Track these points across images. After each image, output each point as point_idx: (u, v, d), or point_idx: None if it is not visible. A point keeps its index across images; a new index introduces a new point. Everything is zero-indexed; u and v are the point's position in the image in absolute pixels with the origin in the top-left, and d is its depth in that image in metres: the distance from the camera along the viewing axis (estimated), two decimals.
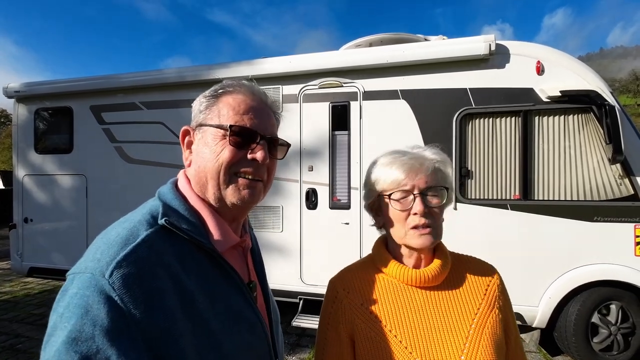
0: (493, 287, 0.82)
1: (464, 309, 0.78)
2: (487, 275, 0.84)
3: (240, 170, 0.65)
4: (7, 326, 3.88)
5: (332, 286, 0.87)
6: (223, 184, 0.64)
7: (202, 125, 0.66)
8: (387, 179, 0.79)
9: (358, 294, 0.82)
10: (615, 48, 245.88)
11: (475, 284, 0.82)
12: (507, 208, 2.90)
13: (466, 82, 2.98)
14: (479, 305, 0.79)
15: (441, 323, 0.76)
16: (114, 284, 0.48)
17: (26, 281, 5.58)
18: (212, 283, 0.61)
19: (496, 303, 0.80)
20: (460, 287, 0.81)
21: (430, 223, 0.76)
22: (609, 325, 2.79)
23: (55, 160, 4.17)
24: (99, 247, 0.54)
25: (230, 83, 0.69)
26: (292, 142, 3.37)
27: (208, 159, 0.64)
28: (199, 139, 0.67)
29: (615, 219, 2.69)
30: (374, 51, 3.25)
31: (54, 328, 0.47)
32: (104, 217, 3.92)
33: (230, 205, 0.66)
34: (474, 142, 3.01)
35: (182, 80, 3.67)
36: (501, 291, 0.82)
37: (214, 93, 0.68)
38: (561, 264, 2.79)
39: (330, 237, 3.30)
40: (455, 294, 0.80)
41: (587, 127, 2.80)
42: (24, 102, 4.28)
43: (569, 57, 2.93)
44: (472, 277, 0.83)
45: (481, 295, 0.80)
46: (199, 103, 0.69)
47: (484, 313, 0.78)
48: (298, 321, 3.24)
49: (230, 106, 0.65)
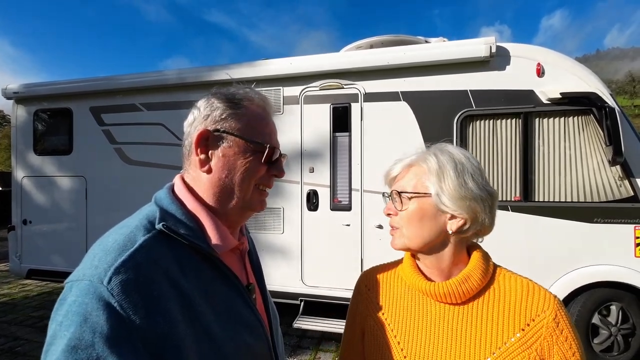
0: (540, 323, 0.66)
1: (487, 337, 0.67)
2: (537, 307, 0.67)
3: (262, 184, 0.70)
4: (6, 329, 3.86)
5: (359, 280, 0.90)
6: (247, 196, 0.68)
7: (228, 133, 0.65)
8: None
9: (377, 292, 0.83)
10: (612, 50, 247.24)
11: (515, 312, 0.68)
12: (507, 209, 2.90)
13: (467, 84, 2.99)
14: (507, 340, 0.66)
15: (452, 344, 0.69)
16: (112, 290, 0.48)
17: (24, 283, 5.54)
18: (211, 286, 0.61)
19: (536, 345, 0.64)
20: (492, 312, 0.69)
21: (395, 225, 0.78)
22: (610, 326, 2.80)
23: (55, 162, 4.15)
24: (97, 254, 0.53)
25: (251, 94, 0.70)
26: (293, 143, 3.38)
27: (237, 171, 0.66)
28: (225, 148, 0.65)
29: (616, 220, 2.70)
30: (375, 53, 3.25)
31: (53, 337, 0.47)
32: (103, 218, 3.91)
33: (246, 214, 0.71)
34: (474, 144, 3.02)
35: (182, 81, 3.65)
36: (552, 331, 0.65)
37: (238, 102, 0.67)
38: (561, 265, 2.80)
39: (331, 238, 3.30)
40: (482, 318, 0.69)
41: (587, 129, 2.81)
42: (22, 103, 4.26)
43: (569, 60, 2.94)
44: (513, 303, 0.69)
45: (518, 328, 0.66)
46: (216, 107, 0.66)
47: (511, 351, 0.65)
48: (299, 323, 3.23)
49: (260, 122, 0.69)
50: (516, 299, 0.69)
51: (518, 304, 0.69)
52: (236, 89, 0.69)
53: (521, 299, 0.69)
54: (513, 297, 0.70)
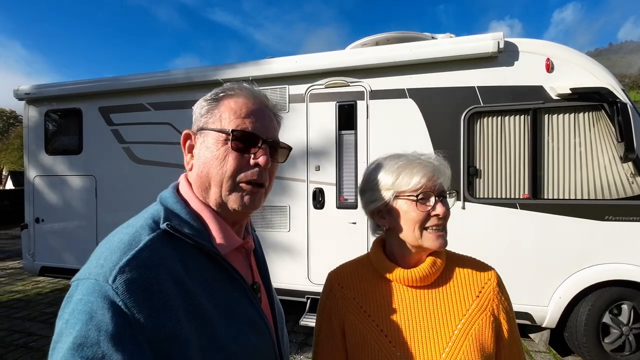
0: (488, 290, 0.81)
1: (452, 309, 0.79)
2: (483, 277, 0.83)
3: (243, 176, 0.64)
4: (20, 324, 3.95)
5: (328, 280, 0.92)
6: (226, 191, 0.64)
7: (203, 129, 0.66)
8: (409, 181, 0.79)
9: (351, 289, 0.86)
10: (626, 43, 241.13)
11: (468, 285, 0.82)
12: (516, 207, 2.87)
13: (474, 80, 2.96)
14: (469, 307, 0.79)
15: (427, 322, 0.78)
16: (117, 289, 0.49)
17: (37, 280, 5.67)
18: (215, 286, 0.61)
19: (489, 306, 0.79)
20: (453, 288, 0.82)
21: (444, 225, 0.81)
22: (621, 325, 2.75)
23: (65, 161, 4.22)
24: (102, 253, 0.54)
25: (231, 86, 0.68)
26: (299, 141, 3.37)
27: (211, 164, 0.64)
28: (200, 143, 0.66)
29: (627, 218, 2.65)
30: (381, 50, 3.23)
31: (59, 334, 0.48)
32: (113, 217, 3.98)
33: (232, 211, 0.66)
34: (482, 141, 2.99)
35: (190, 81, 3.69)
36: (497, 294, 0.81)
37: (215, 97, 0.68)
38: (571, 264, 2.76)
39: (338, 236, 3.31)
40: (446, 294, 0.81)
41: (597, 125, 2.76)
42: (34, 104, 4.34)
43: (579, 54, 2.88)
44: (466, 277, 0.83)
45: (473, 296, 0.80)
46: (199, 107, 0.69)
47: (474, 315, 0.78)
48: (305, 320, 3.25)
49: (231, 110, 0.65)
50: (467, 273, 0.84)
51: (470, 277, 0.83)
52: (225, 86, 0.69)
53: (471, 272, 0.84)
54: (464, 272, 0.84)
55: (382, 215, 0.86)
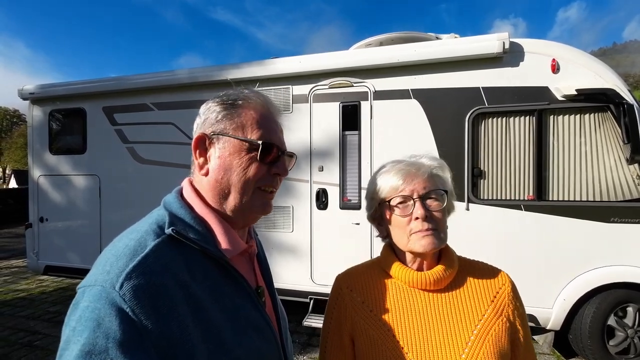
0: (502, 295, 0.80)
1: (468, 314, 0.77)
2: (497, 282, 0.82)
3: (263, 184, 0.67)
4: (24, 323, 3.98)
5: (336, 283, 0.91)
6: (246, 197, 0.66)
7: (222, 134, 0.66)
8: (386, 186, 0.82)
9: (360, 292, 0.85)
10: (630, 42, 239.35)
11: (483, 290, 0.81)
12: (520, 209, 2.85)
13: (479, 80, 2.94)
14: (485, 312, 0.78)
15: (442, 327, 0.76)
16: (124, 295, 0.49)
17: (42, 279, 5.70)
18: (221, 290, 0.61)
19: (504, 311, 0.78)
20: (466, 293, 0.80)
21: (432, 227, 0.76)
22: (626, 328, 2.74)
23: (69, 161, 4.24)
24: (108, 259, 0.54)
25: (248, 94, 0.69)
26: (303, 142, 3.37)
27: (234, 171, 0.65)
28: (220, 149, 0.66)
29: (633, 220, 2.63)
30: (385, 50, 3.22)
31: (67, 342, 0.48)
32: (117, 216, 3.97)
33: (249, 217, 0.68)
34: (486, 142, 2.97)
35: (193, 81, 3.68)
36: (512, 299, 0.80)
37: (232, 102, 0.67)
38: (576, 266, 2.75)
39: (341, 237, 3.30)
40: (460, 299, 0.79)
41: (603, 126, 2.74)
42: (38, 103, 4.36)
43: (585, 55, 2.86)
44: (480, 283, 0.82)
45: (488, 301, 0.79)
46: (212, 110, 0.67)
47: (490, 320, 0.77)
48: (309, 321, 3.25)
49: (253, 119, 0.67)
50: (481, 278, 0.83)
51: (484, 282, 0.82)
52: (234, 90, 0.70)
53: (485, 278, 0.83)
54: (478, 276, 0.83)
55: (378, 222, 0.88)
